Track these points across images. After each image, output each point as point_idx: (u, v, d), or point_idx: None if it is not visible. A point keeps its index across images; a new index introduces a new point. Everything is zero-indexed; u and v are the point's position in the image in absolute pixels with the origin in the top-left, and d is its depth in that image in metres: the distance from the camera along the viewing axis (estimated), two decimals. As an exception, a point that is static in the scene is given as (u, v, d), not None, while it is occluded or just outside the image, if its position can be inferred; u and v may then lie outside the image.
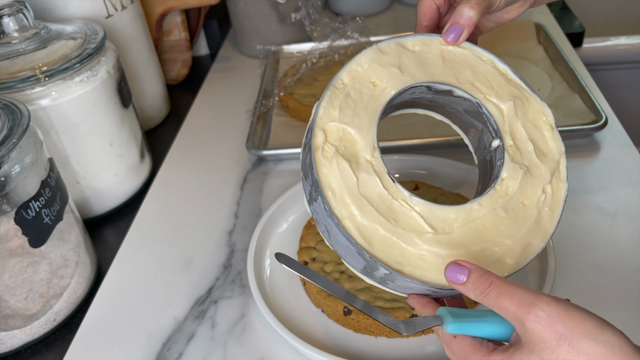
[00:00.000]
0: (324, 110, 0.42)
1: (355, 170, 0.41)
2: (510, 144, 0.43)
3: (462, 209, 0.41)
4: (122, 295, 0.61)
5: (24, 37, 0.64)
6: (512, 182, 0.42)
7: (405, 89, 0.44)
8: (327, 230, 0.43)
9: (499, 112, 0.44)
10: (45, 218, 0.54)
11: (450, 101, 0.47)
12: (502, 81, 0.45)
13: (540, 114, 0.45)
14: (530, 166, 0.43)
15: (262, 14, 1.02)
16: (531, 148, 0.43)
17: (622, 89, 1.20)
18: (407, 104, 0.49)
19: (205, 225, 0.69)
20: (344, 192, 0.41)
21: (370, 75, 0.44)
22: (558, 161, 0.43)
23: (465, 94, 0.44)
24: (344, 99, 0.43)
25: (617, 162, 0.69)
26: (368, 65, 0.44)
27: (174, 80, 1.04)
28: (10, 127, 0.51)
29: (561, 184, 0.43)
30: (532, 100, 0.44)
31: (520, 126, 0.44)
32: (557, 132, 0.44)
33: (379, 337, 0.52)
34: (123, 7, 0.82)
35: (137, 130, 0.76)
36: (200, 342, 0.55)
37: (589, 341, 0.32)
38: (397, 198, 0.41)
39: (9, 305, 0.54)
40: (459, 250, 0.40)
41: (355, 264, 0.42)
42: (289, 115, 0.87)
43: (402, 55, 0.45)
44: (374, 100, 0.43)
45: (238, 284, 0.60)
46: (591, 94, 0.76)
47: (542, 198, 0.42)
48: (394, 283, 0.41)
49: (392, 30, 1.10)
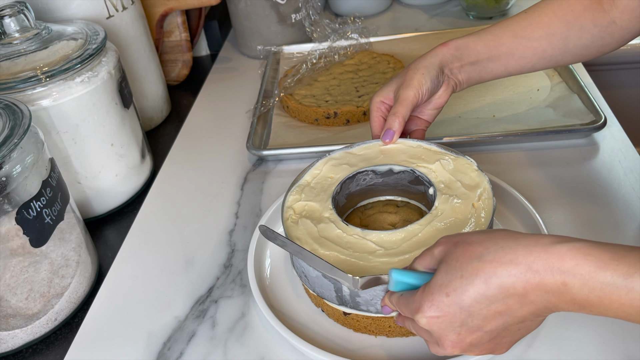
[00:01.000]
0: (292, 196, 0.58)
1: (316, 224, 0.55)
2: (442, 186, 0.56)
3: (405, 230, 0.53)
4: (122, 294, 0.61)
5: (25, 37, 0.64)
6: (443, 206, 0.54)
7: (354, 174, 0.60)
8: (304, 274, 0.53)
9: (430, 170, 0.58)
10: (46, 218, 0.54)
11: (396, 180, 0.61)
12: (429, 154, 0.60)
13: (466, 165, 0.58)
14: (458, 195, 0.55)
15: (263, 14, 1.03)
16: (459, 185, 0.56)
17: (621, 89, 1.20)
18: (368, 193, 0.62)
19: (206, 225, 0.69)
20: (308, 237, 0.53)
21: (327, 173, 0.60)
22: (484, 187, 0.55)
23: (401, 168, 0.59)
24: (308, 189, 0.59)
25: (616, 162, 0.69)
26: (324, 167, 0.61)
27: (175, 81, 1.04)
28: (12, 127, 0.52)
29: (489, 200, 0.54)
30: (458, 158, 0.59)
31: (449, 174, 0.57)
32: (481, 172, 0.57)
33: (379, 336, 0.52)
34: (124, 8, 0.82)
35: (137, 130, 0.76)
36: (200, 342, 0.55)
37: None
38: (351, 234, 0.53)
39: (10, 304, 0.54)
40: (404, 256, 0.50)
41: (329, 295, 0.51)
42: (289, 115, 0.87)
43: (351, 157, 0.62)
44: (331, 187, 0.59)
45: (238, 283, 0.61)
46: (590, 94, 0.77)
47: (473, 211, 0.53)
48: (362, 298, 0.49)
49: (391, 30, 1.10)
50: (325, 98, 0.86)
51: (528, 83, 0.84)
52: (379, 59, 0.94)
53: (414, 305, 0.41)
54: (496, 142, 0.74)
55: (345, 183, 0.59)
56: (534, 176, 0.69)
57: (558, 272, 0.36)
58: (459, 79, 0.63)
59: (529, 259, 0.37)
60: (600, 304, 0.35)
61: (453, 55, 0.62)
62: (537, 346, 0.50)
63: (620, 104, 0.88)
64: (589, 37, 0.59)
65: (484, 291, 0.38)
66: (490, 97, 0.83)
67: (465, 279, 0.38)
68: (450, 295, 0.39)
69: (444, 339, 0.40)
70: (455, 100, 0.82)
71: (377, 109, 0.64)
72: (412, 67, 0.62)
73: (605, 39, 0.59)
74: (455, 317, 0.39)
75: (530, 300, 0.37)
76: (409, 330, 0.45)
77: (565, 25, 0.59)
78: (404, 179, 0.60)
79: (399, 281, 0.43)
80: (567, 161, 0.71)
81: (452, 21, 1.12)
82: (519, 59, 0.62)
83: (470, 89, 0.85)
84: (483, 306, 0.38)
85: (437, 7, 1.19)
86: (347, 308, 0.51)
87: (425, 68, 0.61)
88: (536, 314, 0.38)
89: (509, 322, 0.39)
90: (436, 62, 0.61)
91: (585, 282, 0.35)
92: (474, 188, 0.55)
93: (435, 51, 0.62)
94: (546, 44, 0.60)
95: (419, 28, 1.10)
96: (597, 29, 0.58)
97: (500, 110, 0.79)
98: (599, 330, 0.50)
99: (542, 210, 0.63)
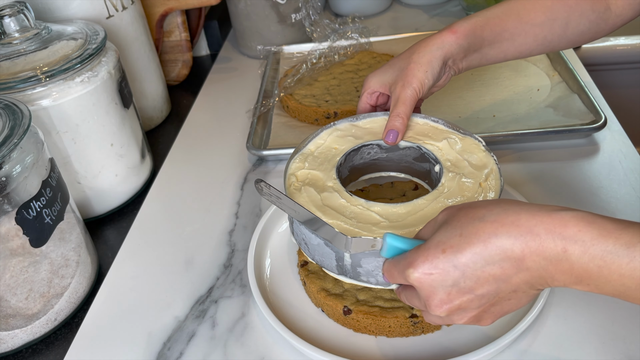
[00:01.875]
0: (295, 164, 0.57)
1: (319, 192, 0.54)
2: (448, 164, 0.55)
3: (410, 204, 0.51)
4: (122, 294, 0.61)
5: (25, 37, 0.64)
6: (450, 183, 0.53)
7: (359, 147, 0.58)
8: (304, 241, 0.52)
9: (437, 148, 0.57)
10: (46, 218, 0.54)
11: (400, 155, 0.60)
12: (436, 132, 0.59)
13: (473, 144, 0.57)
14: (465, 174, 0.54)
15: (263, 14, 1.03)
16: (466, 164, 0.55)
17: (621, 89, 1.20)
18: (371, 167, 0.61)
19: (206, 225, 0.69)
20: (311, 205, 0.52)
21: (332, 144, 0.59)
22: (491, 168, 0.54)
23: (407, 143, 0.58)
24: (311, 158, 0.58)
25: (617, 162, 0.69)
26: (329, 137, 0.60)
27: (175, 81, 1.04)
28: (12, 127, 0.52)
29: (496, 181, 0.53)
30: (465, 138, 0.58)
31: (456, 153, 0.56)
32: (489, 152, 0.56)
33: (379, 336, 0.52)
34: (124, 8, 0.82)
35: (137, 130, 0.76)
36: (200, 342, 0.55)
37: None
38: (355, 205, 0.52)
39: (10, 304, 0.54)
40: (408, 229, 0.49)
41: (330, 264, 0.50)
42: (289, 115, 0.87)
43: (356, 129, 0.61)
44: (335, 157, 0.58)
45: (238, 283, 0.60)
46: (590, 94, 0.77)
47: (480, 190, 0.52)
48: (363, 268, 0.47)
49: (391, 30, 1.10)
50: (325, 98, 0.86)
51: (528, 83, 0.84)
52: (379, 59, 0.94)
53: (405, 261, 0.40)
54: (496, 142, 0.74)
55: (350, 155, 0.58)
56: (534, 176, 0.69)
57: (559, 238, 0.35)
58: (459, 67, 0.61)
59: (531, 222, 0.36)
60: (599, 275, 0.35)
61: (460, 46, 0.59)
62: (537, 346, 0.50)
63: (620, 104, 0.88)
64: (586, 23, 0.59)
65: (481, 250, 0.37)
66: (490, 97, 0.83)
67: (464, 237, 0.38)
68: (446, 252, 0.38)
69: (431, 298, 0.39)
70: (455, 100, 0.82)
71: (368, 96, 0.62)
72: (414, 60, 0.58)
73: (600, 25, 0.59)
74: (448, 276, 0.38)
75: (527, 267, 0.37)
76: (404, 302, 0.44)
77: (566, 11, 0.59)
78: (409, 155, 0.59)
79: (392, 246, 0.41)
80: (567, 161, 0.71)
81: (452, 21, 1.10)
82: (519, 45, 0.61)
83: (470, 89, 0.85)
84: (478, 267, 0.37)
85: (437, 7, 1.19)
86: (347, 278, 0.50)
87: (429, 64, 0.58)
88: (530, 283, 0.38)
89: (501, 288, 0.38)
90: (441, 55, 0.58)
91: (586, 249, 0.35)
92: (481, 168, 0.54)
93: (442, 39, 0.59)
94: (547, 30, 0.60)
95: (419, 28, 1.10)
96: (594, 14, 0.59)
97: (500, 110, 0.79)
98: (599, 330, 0.50)
99: (542, 210, 0.63)
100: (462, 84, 0.86)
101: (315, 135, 0.60)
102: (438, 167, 0.55)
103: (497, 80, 0.86)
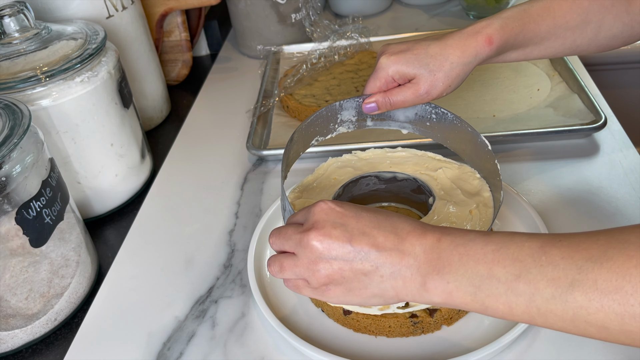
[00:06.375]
0: (293, 194, 0.60)
1: None
2: (442, 193, 0.57)
3: None
4: (122, 294, 0.61)
5: (25, 37, 0.64)
6: (439, 211, 0.55)
7: (357, 178, 0.60)
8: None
9: (432, 178, 0.59)
10: (46, 218, 0.54)
11: (399, 187, 0.62)
12: (433, 162, 0.61)
13: (469, 173, 0.59)
14: (456, 201, 0.56)
15: (263, 14, 1.03)
16: (458, 192, 0.57)
17: (621, 89, 1.20)
18: (370, 198, 0.63)
19: (206, 225, 0.69)
20: None
21: (331, 174, 0.62)
22: (484, 197, 0.56)
23: (404, 175, 0.60)
24: (310, 189, 0.60)
25: (617, 163, 0.69)
26: (329, 168, 0.63)
27: (175, 81, 1.04)
28: (11, 127, 0.52)
29: (489, 210, 0.54)
30: (462, 166, 0.60)
31: (450, 181, 0.58)
32: (484, 180, 0.58)
33: (379, 336, 0.52)
34: (124, 8, 0.82)
35: (137, 130, 0.76)
36: (200, 342, 0.55)
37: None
38: None
39: (9, 304, 0.54)
40: None
41: None
42: (289, 115, 0.87)
43: (357, 161, 0.63)
44: (333, 187, 0.60)
45: (238, 283, 0.60)
46: (590, 94, 0.76)
47: (470, 217, 0.54)
48: None
49: (392, 30, 1.10)
50: (326, 98, 0.86)
51: (528, 83, 0.84)
52: (379, 59, 0.94)
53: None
54: (496, 142, 0.74)
55: (348, 187, 0.60)
56: (534, 176, 0.69)
57: (438, 230, 0.41)
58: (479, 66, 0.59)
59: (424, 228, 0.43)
60: (460, 262, 0.39)
61: (490, 55, 0.57)
62: (537, 346, 0.50)
63: (620, 104, 0.88)
64: (619, 26, 0.56)
65: (375, 213, 0.43)
66: (490, 97, 0.83)
67: None
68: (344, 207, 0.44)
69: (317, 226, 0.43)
70: (455, 100, 0.82)
71: (382, 78, 0.58)
72: (444, 70, 0.56)
73: (634, 28, 0.56)
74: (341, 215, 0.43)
75: (403, 249, 0.41)
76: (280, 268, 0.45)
77: (601, 12, 0.56)
78: (407, 187, 0.61)
79: None
80: (567, 161, 0.71)
81: (452, 21, 1.12)
82: (544, 48, 0.58)
83: (470, 89, 0.85)
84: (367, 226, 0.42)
85: (437, 7, 1.19)
86: None
87: (457, 78, 0.57)
88: (392, 264, 0.41)
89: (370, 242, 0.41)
90: (472, 67, 0.57)
91: (454, 238, 0.40)
92: (473, 195, 0.56)
93: (477, 50, 0.56)
94: (578, 34, 0.57)
95: (419, 28, 1.10)
96: (629, 17, 0.56)
97: (500, 110, 0.79)
98: (599, 331, 0.50)
99: (542, 210, 0.63)
100: (462, 84, 0.85)
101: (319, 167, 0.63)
102: (432, 199, 0.58)
103: (497, 80, 0.86)
